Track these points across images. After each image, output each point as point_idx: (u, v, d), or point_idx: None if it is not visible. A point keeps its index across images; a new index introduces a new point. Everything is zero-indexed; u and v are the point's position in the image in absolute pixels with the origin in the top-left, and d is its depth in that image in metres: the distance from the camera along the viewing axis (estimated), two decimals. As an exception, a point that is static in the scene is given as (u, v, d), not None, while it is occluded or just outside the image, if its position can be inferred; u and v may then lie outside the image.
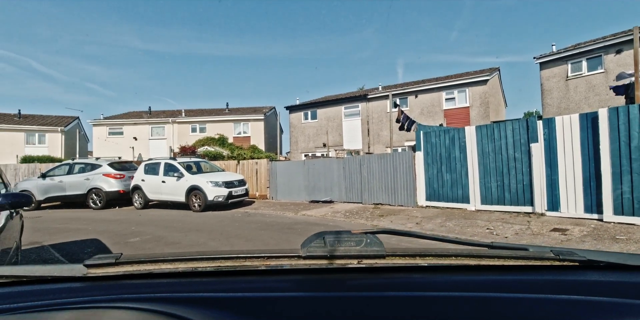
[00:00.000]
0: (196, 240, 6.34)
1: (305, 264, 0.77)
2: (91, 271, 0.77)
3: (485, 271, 0.79)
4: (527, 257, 0.80)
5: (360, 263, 0.76)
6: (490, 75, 17.59)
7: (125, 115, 28.97)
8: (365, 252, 0.76)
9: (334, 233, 0.80)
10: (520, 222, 6.86)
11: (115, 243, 6.21)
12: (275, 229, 7.30)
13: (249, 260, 0.80)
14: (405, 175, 9.92)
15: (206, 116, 26.79)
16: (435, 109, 18.50)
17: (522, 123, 7.82)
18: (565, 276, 0.76)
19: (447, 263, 0.79)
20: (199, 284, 0.74)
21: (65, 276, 0.78)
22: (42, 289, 0.74)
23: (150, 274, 0.76)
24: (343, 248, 0.77)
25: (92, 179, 12.25)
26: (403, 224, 7.40)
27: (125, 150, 25.01)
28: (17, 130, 24.18)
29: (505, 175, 7.99)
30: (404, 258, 0.79)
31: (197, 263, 0.79)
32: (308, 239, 0.80)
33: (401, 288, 0.72)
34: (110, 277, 0.76)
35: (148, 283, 0.75)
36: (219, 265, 0.78)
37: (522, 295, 0.68)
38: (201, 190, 10.47)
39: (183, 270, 0.77)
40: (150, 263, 0.79)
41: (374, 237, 0.79)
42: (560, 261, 0.79)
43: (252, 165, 14.09)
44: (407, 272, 0.78)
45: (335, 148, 20.49)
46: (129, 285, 0.74)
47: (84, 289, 0.74)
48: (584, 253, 0.81)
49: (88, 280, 0.76)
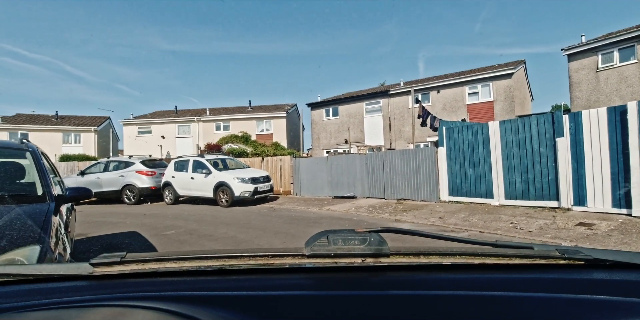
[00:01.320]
0: (227, 233, 6.70)
1: (309, 262, 0.77)
2: (97, 270, 0.77)
3: (490, 270, 0.78)
4: (532, 256, 0.80)
5: (364, 262, 0.76)
6: (516, 68, 17.20)
7: (153, 115, 30.05)
8: (369, 251, 0.77)
9: (338, 232, 0.81)
10: (545, 217, 6.85)
11: (153, 235, 6.64)
12: (301, 223, 7.59)
13: (253, 259, 0.80)
14: (427, 171, 9.98)
15: (230, 114, 27.40)
16: (458, 104, 18.28)
17: (548, 117, 7.74)
18: (570, 275, 0.76)
19: (452, 262, 0.79)
20: (203, 283, 0.75)
21: (72, 275, 0.78)
22: (48, 288, 0.74)
23: (155, 272, 0.77)
24: (347, 247, 0.77)
25: (126, 176, 12.92)
26: (426, 218, 7.52)
27: (153, 148, 26.01)
28: (55, 130, 25.61)
29: (530, 170, 7.94)
30: (408, 257, 0.79)
31: (201, 262, 0.80)
32: (312, 238, 0.80)
33: (405, 287, 0.72)
34: (116, 275, 0.77)
35: (153, 281, 0.76)
36: (223, 264, 0.79)
37: (527, 294, 0.68)
38: (228, 186, 10.87)
39: (188, 269, 0.77)
40: (155, 262, 0.80)
41: (378, 235, 0.79)
42: (565, 260, 0.78)
43: (276, 162, 14.44)
44: (411, 270, 0.78)
45: (357, 144, 20.60)
46: (134, 284, 0.75)
47: (90, 287, 0.74)
48: (590, 252, 0.81)
49: (94, 278, 0.77)
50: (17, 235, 2.01)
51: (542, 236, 5.57)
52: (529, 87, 22.17)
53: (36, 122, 26.38)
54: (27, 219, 2.21)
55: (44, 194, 2.74)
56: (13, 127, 24.79)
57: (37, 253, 1.93)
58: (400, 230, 0.86)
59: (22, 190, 2.81)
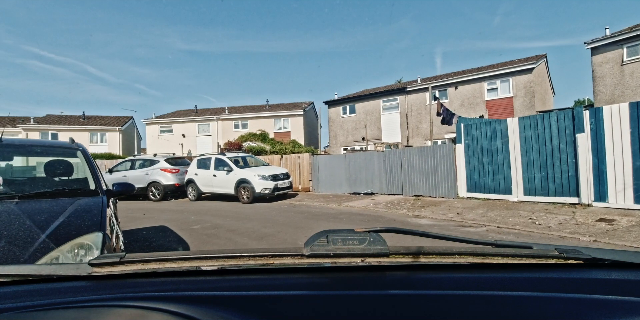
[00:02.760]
0: (251, 227, 7.00)
1: (308, 262, 0.77)
2: (96, 270, 0.77)
3: (489, 269, 0.79)
4: (531, 255, 0.80)
5: (364, 261, 0.77)
6: (536, 63, 16.91)
7: (173, 114, 30.87)
8: (368, 251, 0.77)
9: (337, 232, 0.81)
10: (564, 213, 6.87)
11: (182, 229, 7.01)
12: (321, 218, 7.83)
13: (252, 259, 0.80)
14: (445, 168, 10.06)
15: (248, 113, 27.87)
16: (477, 100, 18.12)
17: (567, 113, 7.71)
18: (569, 274, 0.76)
19: (451, 261, 0.79)
20: (203, 283, 0.75)
21: (71, 275, 0.78)
22: (47, 288, 0.74)
23: (154, 272, 0.77)
24: (346, 247, 0.77)
25: (151, 174, 13.45)
26: (444, 214, 7.64)
27: (174, 147, 26.79)
28: (82, 130, 26.70)
29: (549, 166, 7.93)
30: (408, 256, 0.79)
31: (201, 262, 0.80)
32: (311, 238, 0.80)
33: (405, 286, 0.72)
34: (115, 275, 0.77)
35: (152, 282, 0.76)
36: (222, 264, 0.79)
37: (526, 293, 0.68)
38: (249, 183, 11.21)
39: (187, 269, 0.78)
40: (155, 262, 0.80)
41: (377, 235, 0.79)
42: (564, 259, 0.79)
43: (294, 160, 14.73)
44: (411, 270, 0.78)
45: (374, 141, 20.69)
46: (133, 284, 0.75)
47: (89, 287, 0.74)
48: (589, 251, 0.82)
49: (93, 279, 0.77)
50: (83, 224, 2.31)
51: (561, 231, 5.64)
52: (550, 82, 21.71)
53: (65, 122, 27.56)
54: (88, 210, 2.52)
55: (96, 188, 3.06)
56: (44, 127, 26.01)
57: (100, 239, 2.22)
58: (399, 229, 0.85)
59: (78, 185, 3.13)
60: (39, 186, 3.06)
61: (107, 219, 2.54)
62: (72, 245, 2.09)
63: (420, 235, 0.88)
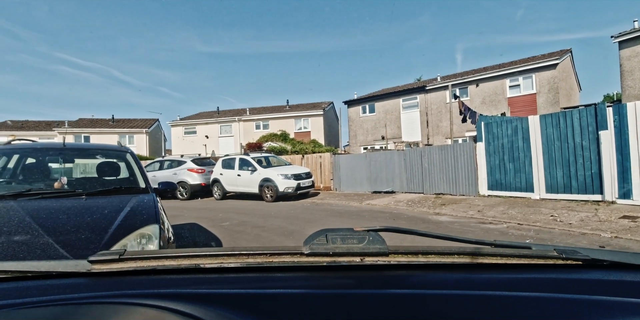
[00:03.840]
0: (276, 224, 7.35)
1: (307, 261, 0.77)
2: (95, 267, 0.77)
3: (488, 269, 0.79)
4: (529, 256, 0.80)
5: (363, 260, 0.76)
6: (561, 58, 16.58)
7: (197, 116, 31.81)
8: (367, 250, 0.77)
9: (337, 231, 0.81)
10: (587, 210, 6.88)
11: (211, 226, 7.43)
12: (344, 216, 8.10)
13: (251, 257, 0.80)
14: (466, 166, 10.13)
15: (268, 113, 28.42)
16: (498, 98, 17.92)
17: (590, 110, 7.68)
18: (568, 275, 0.76)
19: (450, 261, 0.79)
20: (202, 281, 0.75)
21: (70, 272, 0.79)
22: (46, 285, 0.74)
23: (153, 270, 0.77)
24: (346, 245, 0.77)
25: (179, 174, 14.06)
26: (464, 211, 7.76)
27: (198, 148, 27.64)
28: (112, 133, 27.96)
29: (572, 164, 7.92)
30: (407, 256, 0.79)
31: (200, 260, 0.80)
32: (310, 237, 0.80)
33: (403, 286, 0.72)
34: (114, 273, 0.77)
35: (151, 279, 0.76)
36: (221, 262, 0.79)
37: (524, 293, 0.68)
38: (272, 182, 11.58)
39: (186, 267, 0.78)
40: (154, 259, 0.80)
41: (377, 234, 0.80)
42: (563, 260, 0.79)
43: (316, 159, 15.05)
44: (410, 269, 0.78)
45: (394, 140, 20.76)
46: (132, 282, 0.75)
47: (88, 284, 0.74)
48: (587, 252, 0.82)
49: (92, 275, 0.77)
50: (143, 217, 2.66)
51: (583, 228, 5.69)
52: (576, 77, 21.17)
53: (96, 125, 28.93)
54: (144, 205, 2.88)
55: (146, 187, 3.45)
56: (78, 130, 27.41)
57: (157, 230, 2.57)
58: (399, 229, 0.86)
59: (130, 184, 3.53)
60: (98, 185, 3.47)
61: (161, 213, 2.90)
62: (136, 235, 2.45)
63: (420, 235, 0.87)
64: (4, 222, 2.27)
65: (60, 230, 2.25)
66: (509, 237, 5.48)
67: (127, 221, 2.52)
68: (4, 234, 2.10)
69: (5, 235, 2.08)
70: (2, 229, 2.16)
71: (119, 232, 2.37)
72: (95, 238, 2.25)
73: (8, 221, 2.28)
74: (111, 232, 2.34)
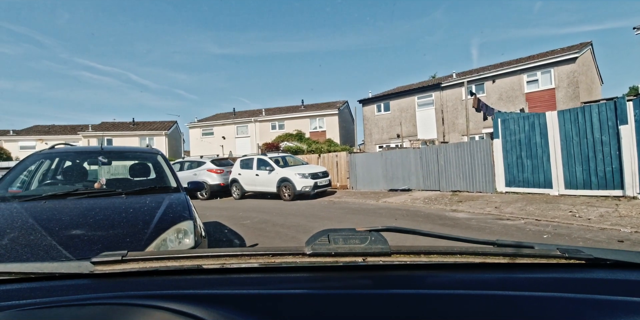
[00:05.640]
0: (296, 222, 7.56)
1: (310, 261, 0.78)
2: (98, 268, 0.78)
3: (491, 269, 0.79)
4: (532, 255, 0.80)
5: (365, 260, 0.77)
6: (580, 51, 16.22)
7: (214, 117, 32.43)
8: (369, 250, 0.77)
9: (339, 231, 0.81)
10: (607, 206, 6.83)
11: (234, 224, 7.70)
12: (362, 213, 8.26)
13: (253, 257, 0.80)
14: (483, 163, 10.12)
15: (284, 114, 28.73)
16: (516, 93, 17.68)
17: (610, 105, 7.60)
18: (571, 274, 0.76)
19: (452, 261, 0.79)
20: (204, 281, 0.75)
21: (73, 273, 0.79)
22: (49, 286, 0.75)
23: (156, 271, 0.78)
24: (348, 246, 0.78)
25: (199, 174, 14.44)
26: (482, 208, 7.80)
27: (215, 149, 28.20)
28: (133, 135, 28.88)
29: (591, 159, 7.85)
30: (409, 256, 0.79)
31: (202, 260, 0.81)
32: (312, 237, 0.81)
33: (406, 286, 0.72)
34: (117, 274, 0.77)
35: (154, 280, 0.76)
36: (224, 263, 0.79)
37: (527, 293, 0.68)
38: (290, 181, 11.81)
39: (189, 268, 0.78)
40: (156, 260, 0.80)
41: (379, 235, 0.80)
42: (566, 259, 0.78)
43: (332, 158, 15.23)
44: (412, 269, 0.78)
45: (410, 138, 20.73)
46: (135, 282, 0.75)
47: (91, 285, 0.74)
48: (590, 251, 0.81)
49: (95, 277, 0.77)
50: (178, 214, 2.89)
51: (602, 223, 5.69)
52: (597, 70, 20.66)
53: (117, 128, 29.90)
54: (178, 203, 3.12)
55: (177, 186, 3.70)
56: (100, 134, 28.38)
57: (192, 226, 2.80)
58: (401, 229, 0.86)
59: (162, 184, 3.79)
60: (134, 185, 3.74)
61: (193, 211, 3.13)
62: (174, 230, 2.68)
63: (422, 235, 0.87)
64: (62, 218, 2.54)
65: (109, 225, 2.50)
66: (526, 233, 5.53)
67: (165, 217, 2.76)
68: (66, 228, 2.36)
69: (67, 230, 2.35)
70: (63, 224, 2.43)
71: (159, 227, 2.61)
72: (140, 232, 2.50)
73: (66, 217, 2.55)
74: (153, 227, 2.58)
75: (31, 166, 3.65)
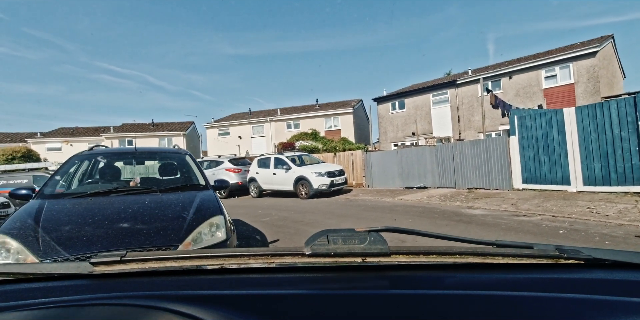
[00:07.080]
0: (314, 219, 7.78)
1: (309, 261, 0.78)
2: (97, 269, 0.78)
3: (490, 269, 0.79)
4: (531, 255, 0.80)
5: (365, 261, 0.77)
6: (601, 45, 15.86)
7: (230, 117, 33.00)
8: (369, 250, 0.77)
9: (338, 231, 0.81)
10: (626, 202, 6.80)
11: (254, 221, 7.97)
12: (378, 211, 8.42)
13: (252, 258, 0.80)
14: (499, 160, 10.12)
15: (299, 113, 28.99)
16: (533, 89, 17.44)
17: (629, 100, 7.52)
18: (570, 274, 0.76)
19: (452, 261, 0.79)
20: (203, 282, 0.75)
21: (72, 273, 0.79)
22: (48, 287, 0.74)
23: (155, 271, 0.78)
24: (347, 246, 0.78)
25: (217, 173, 14.82)
26: (498, 205, 7.85)
27: (232, 148, 28.70)
28: (152, 136, 29.68)
29: (610, 156, 7.79)
30: (408, 256, 0.79)
31: (201, 261, 0.81)
32: (311, 237, 0.81)
33: (405, 286, 0.72)
34: (116, 274, 0.77)
35: (153, 280, 0.76)
36: (223, 263, 0.79)
37: (526, 293, 0.68)
38: (307, 180, 12.04)
39: (188, 268, 0.78)
40: (156, 261, 0.80)
41: (378, 235, 0.80)
42: (565, 259, 0.79)
43: (347, 157, 15.39)
44: (411, 270, 0.78)
45: (425, 136, 20.69)
46: (134, 283, 0.75)
47: (90, 286, 0.74)
48: (589, 251, 0.81)
49: (94, 277, 0.77)
50: (209, 210, 3.14)
51: (620, 219, 5.70)
52: (619, 63, 20.12)
53: (137, 130, 30.77)
54: (209, 200, 3.37)
55: (205, 184, 3.95)
56: (122, 135, 29.31)
57: (223, 220, 3.04)
58: (400, 229, 0.86)
59: (192, 182, 4.05)
60: (166, 183, 4.02)
61: (222, 207, 3.38)
62: (207, 224, 2.92)
63: (421, 235, 0.87)
64: (108, 213, 2.82)
65: (150, 219, 2.77)
66: (542, 229, 5.59)
67: (199, 212, 3.01)
68: (113, 221, 2.64)
69: (114, 222, 2.63)
70: (111, 218, 2.70)
71: (194, 221, 2.85)
72: (178, 225, 2.75)
73: (112, 212, 2.83)
74: (189, 221, 2.83)
75: (73, 167, 3.97)
